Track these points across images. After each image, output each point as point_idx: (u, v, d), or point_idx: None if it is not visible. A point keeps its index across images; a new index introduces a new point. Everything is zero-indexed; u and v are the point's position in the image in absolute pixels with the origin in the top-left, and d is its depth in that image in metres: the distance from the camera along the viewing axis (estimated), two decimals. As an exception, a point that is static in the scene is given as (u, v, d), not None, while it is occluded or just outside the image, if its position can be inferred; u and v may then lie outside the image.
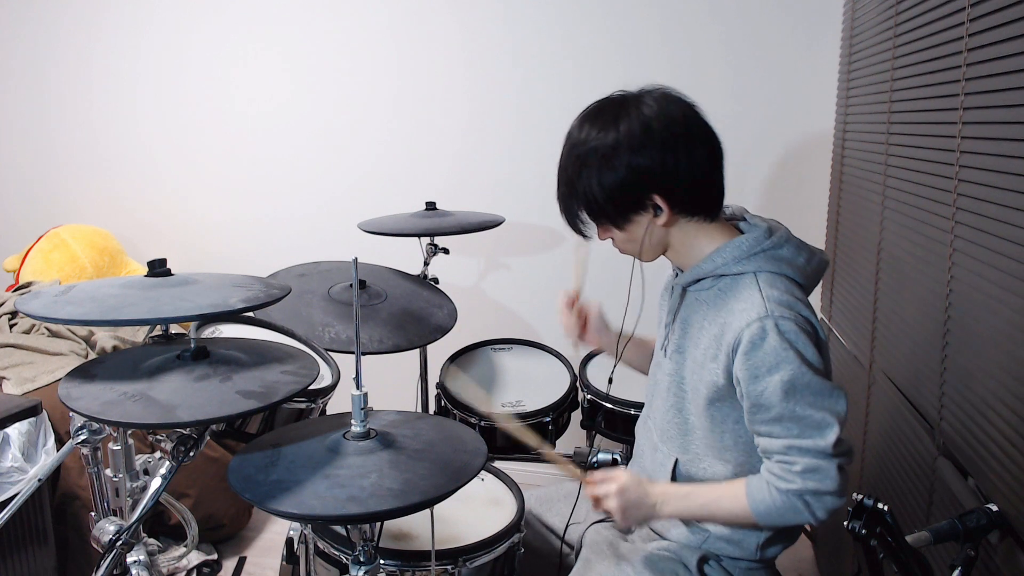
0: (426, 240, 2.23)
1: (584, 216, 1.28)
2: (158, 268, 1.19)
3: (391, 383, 2.33)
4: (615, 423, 1.88)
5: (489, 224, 2.16)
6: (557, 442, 1.96)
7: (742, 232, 1.27)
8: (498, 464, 1.68)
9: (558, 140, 2.81)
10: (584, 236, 1.32)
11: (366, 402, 1.07)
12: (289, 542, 1.57)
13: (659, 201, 1.21)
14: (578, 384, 2.05)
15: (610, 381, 1.54)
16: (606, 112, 1.24)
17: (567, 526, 1.50)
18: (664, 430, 1.35)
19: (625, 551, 1.38)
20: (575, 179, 1.24)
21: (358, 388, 1.07)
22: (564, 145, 1.28)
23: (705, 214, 1.25)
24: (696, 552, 1.31)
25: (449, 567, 1.30)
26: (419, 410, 2.24)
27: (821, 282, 2.34)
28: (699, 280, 1.27)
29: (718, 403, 1.24)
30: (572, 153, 1.26)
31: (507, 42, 2.54)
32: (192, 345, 1.18)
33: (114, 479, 1.27)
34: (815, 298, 2.39)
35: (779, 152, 2.43)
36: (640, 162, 1.18)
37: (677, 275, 1.34)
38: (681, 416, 1.31)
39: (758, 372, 1.16)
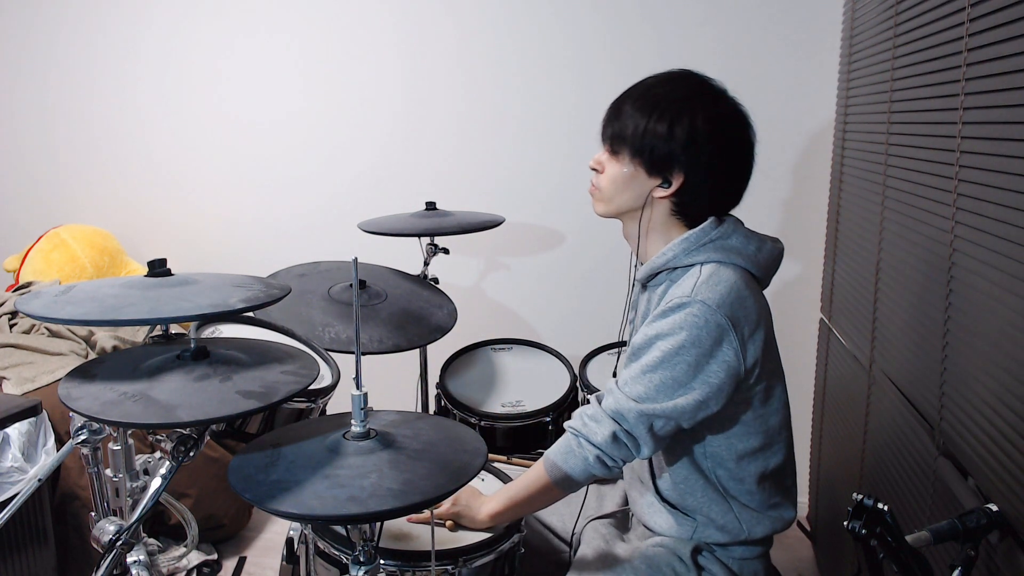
0: (426, 240, 2.23)
1: (624, 126, 1.27)
2: (158, 268, 1.19)
3: (391, 383, 2.33)
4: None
5: (489, 224, 2.16)
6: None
7: None
8: (498, 464, 1.68)
9: (558, 140, 2.82)
10: (609, 139, 1.32)
11: (366, 402, 1.07)
12: (289, 542, 1.57)
13: (675, 180, 1.25)
14: (578, 384, 2.05)
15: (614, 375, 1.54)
16: (711, 88, 1.29)
17: (574, 530, 1.50)
18: None
19: (622, 549, 1.38)
20: (665, 104, 1.25)
21: (358, 388, 1.07)
22: (677, 77, 1.30)
23: (692, 220, 1.29)
24: (688, 544, 1.32)
25: (449, 567, 1.30)
26: (419, 410, 2.24)
27: (821, 282, 2.35)
28: (656, 275, 1.31)
29: None
30: (684, 88, 1.28)
31: (507, 43, 2.54)
32: (192, 345, 1.18)
33: (114, 479, 1.27)
34: (814, 297, 2.40)
35: (779, 152, 2.43)
36: (704, 149, 1.23)
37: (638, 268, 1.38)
38: None
39: (648, 330, 1.22)
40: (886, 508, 0.99)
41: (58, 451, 1.57)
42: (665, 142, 1.24)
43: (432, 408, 2.18)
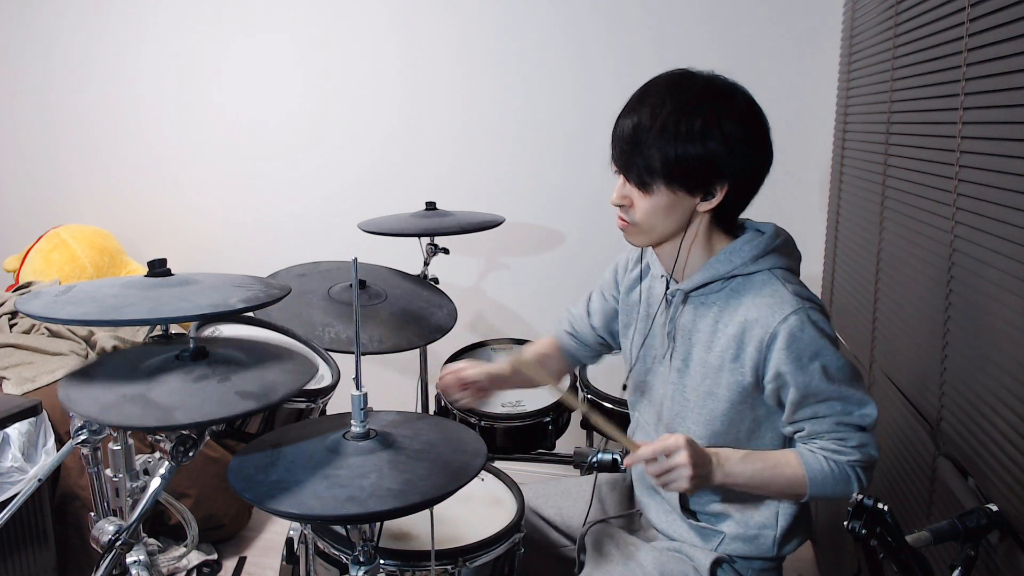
0: (426, 240, 2.23)
1: (650, 157, 1.17)
2: (158, 268, 1.19)
3: (391, 383, 2.33)
4: (615, 423, 1.88)
5: (489, 224, 2.16)
6: (557, 442, 1.96)
7: (733, 238, 1.28)
8: (498, 464, 1.68)
9: (558, 140, 2.82)
10: (626, 173, 1.22)
11: (366, 402, 1.07)
12: (289, 542, 1.57)
13: (720, 189, 1.20)
14: (578, 384, 2.05)
15: (624, 388, 1.52)
16: (720, 84, 1.21)
17: (585, 527, 1.48)
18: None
19: (633, 551, 1.37)
20: (688, 119, 1.16)
21: (358, 388, 1.07)
22: (679, 84, 1.20)
23: (729, 221, 1.27)
24: (709, 555, 1.31)
25: (449, 567, 1.30)
26: (419, 410, 2.24)
27: (821, 282, 2.35)
28: (707, 284, 1.26)
29: (739, 405, 1.25)
30: (696, 95, 1.18)
31: (507, 43, 2.54)
32: (191, 345, 1.17)
33: (114, 479, 1.27)
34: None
35: (779, 153, 2.42)
36: (740, 148, 1.18)
37: (668, 283, 1.33)
38: (684, 426, 1.31)
39: (802, 362, 1.18)
40: (886, 508, 0.99)
41: (58, 451, 1.57)
42: (703, 158, 1.16)
43: (432, 408, 2.17)
